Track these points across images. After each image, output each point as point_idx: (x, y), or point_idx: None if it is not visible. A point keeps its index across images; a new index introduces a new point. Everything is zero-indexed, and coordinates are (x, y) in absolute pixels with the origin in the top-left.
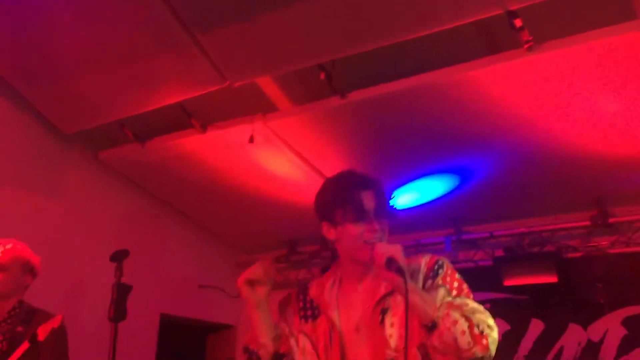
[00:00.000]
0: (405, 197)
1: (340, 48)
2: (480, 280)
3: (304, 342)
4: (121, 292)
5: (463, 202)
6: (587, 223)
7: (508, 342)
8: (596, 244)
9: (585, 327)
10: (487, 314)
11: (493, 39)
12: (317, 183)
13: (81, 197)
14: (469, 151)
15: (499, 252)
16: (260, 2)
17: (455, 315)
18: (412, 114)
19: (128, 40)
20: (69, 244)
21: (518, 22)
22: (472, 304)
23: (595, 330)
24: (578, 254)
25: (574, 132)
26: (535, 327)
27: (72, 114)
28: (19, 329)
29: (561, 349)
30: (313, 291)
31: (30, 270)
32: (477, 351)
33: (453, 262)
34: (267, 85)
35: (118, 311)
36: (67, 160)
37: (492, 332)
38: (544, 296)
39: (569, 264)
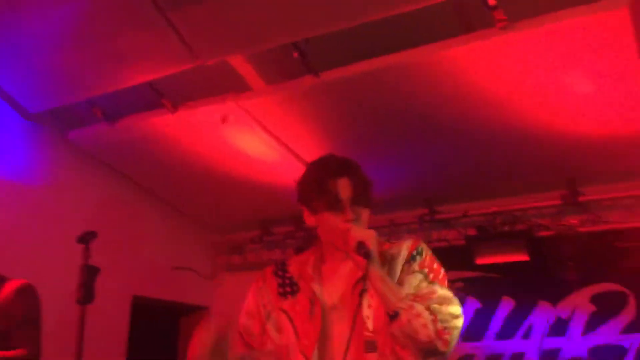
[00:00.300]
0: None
1: (314, 26)
2: (453, 259)
3: (282, 319)
4: (89, 274)
5: (436, 182)
6: (558, 202)
7: (479, 319)
8: (567, 222)
9: (554, 305)
10: (455, 302)
11: (468, 19)
12: (291, 164)
13: (49, 177)
14: (442, 130)
15: (472, 231)
16: None
17: (419, 307)
18: (386, 93)
19: (97, 16)
20: (38, 227)
21: (492, 1)
22: (442, 292)
23: (564, 308)
24: (549, 233)
25: (545, 112)
26: (506, 305)
27: (39, 92)
28: None
29: (530, 326)
30: (292, 268)
31: None
32: (438, 346)
33: (426, 242)
34: (240, 64)
35: (86, 293)
36: (33, 141)
37: (456, 325)
38: (514, 274)
39: (540, 242)
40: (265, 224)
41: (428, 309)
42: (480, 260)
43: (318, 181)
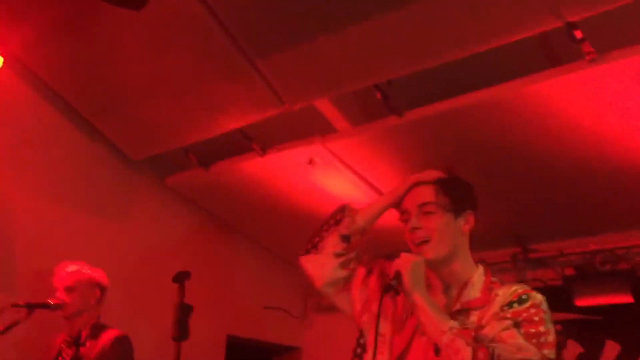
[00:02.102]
0: None
1: (396, 68)
2: (550, 301)
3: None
4: (183, 312)
5: (530, 219)
6: None
7: None
8: None
9: None
10: (535, 354)
11: (553, 52)
12: None
13: (149, 220)
14: (533, 165)
15: (570, 271)
16: (315, 26)
17: (460, 343)
18: (471, 131)
19: (190, 68)
20: (138, 266)
21: (578, 34)
22: (517, 341)
23: None
24: None
25: None
26: (611, 350)
27: (140, 141)
28: (88, 343)
29: None
30: None
31: (97, 285)
32: None
33: (521, 282)
34: (325, 106)
35: (181, 331)
36: (136, 186)
37: None
38: (618, 317)
39: None
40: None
41: (470, 345)
42: (580, 302)
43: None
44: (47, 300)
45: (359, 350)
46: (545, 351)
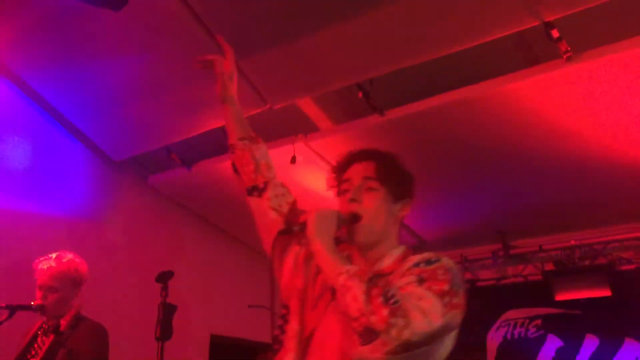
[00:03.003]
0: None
1: (377, 67)
2: (530, 296)
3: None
4: (166, 312)
5: (510, 216)
6: None
7: (562, 358)
8: None
9: None
10: (437, 310)
11: (531, 52)
12: None
13: (131, 220)
14: (512, 163)
15: (549, 266)
16: (297, 25)
17: (354, 281)
18: (451, 129)
19: (171, 68)
20: (120, 266)
21: (555, 33)
22: (425, 294)
23: None
24: (632, 266)
25: (619, 141)
26: (590, 343)
27: (121, 142)
28: (66, 333)
29: None
30: None
31: (79, 284)
32: (372, 322)
33: (502, 278)
34: (308, 106)
35: (164, 330)
36: (118, 186)
37: (416, 314)
38: (598, 311)
39: (622, 276)
40: None
41: (364, 282)
42: (560, 297)
43: (338, 167)
44: (29, 303)
45: (281, 322)
46: (448, 315)
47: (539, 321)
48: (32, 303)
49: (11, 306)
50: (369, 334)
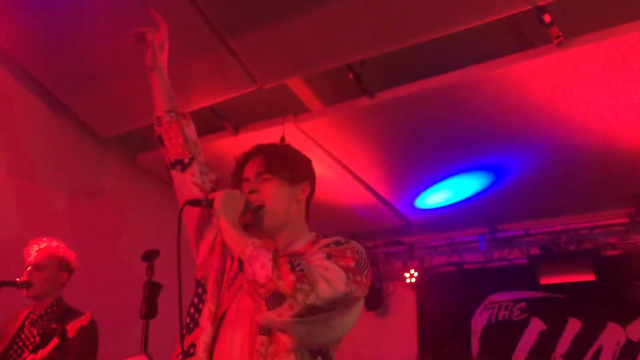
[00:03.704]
0: (437, 196)
1: (368, 48)
2: (515, 279)
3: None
4: (152, 290)
5: (497, 200)
6: (626, 220)
7: (545, 341)
8: (635, 241)
9: (624, 326)
10: (341, 279)
11: (523, 35)
12: (348, 182)
13: (119, 198)
14: (501, 148)
15: (535, 250)
16: (288, 5)
17: (262, 250)
18: (441, 112)
19: None
20: (106, 244)
21: (547, 18)
22: (324, 262)
23: (635, 330)
24: (616, 252)
25: (610, 126)
26: (573, 327)
27: (109, 119)
28: (54, 325)
29: (600, 349)
30: None
31: (65, 267)
32: (280, 287)
33: (488, 261)
34: (298, 86)
35: (149, 309)
36: (105, 164)
37: (320, 281)
38: (581, 295)
39: (607, 261)
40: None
41: (270, 251)
42: (544, 280)
43: (236, 167)
44: (14, 279)
45: (196, 301)
46: (352, 286)
47: (523, 304)
48: (17, 279)
49: None
50: (276, 299)
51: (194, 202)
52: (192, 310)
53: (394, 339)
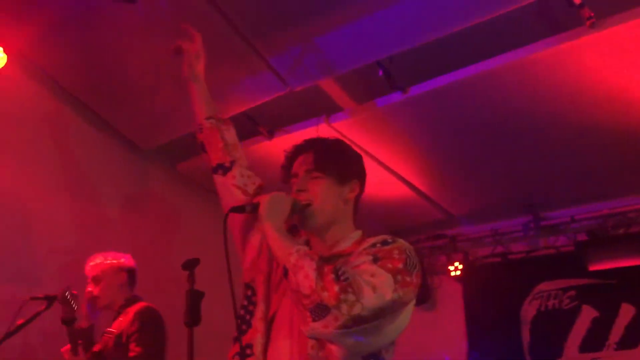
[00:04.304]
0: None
1: (396, 44)
2: (563, 267)
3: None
4: (194, 298)
5: (540, 187)
6: None
7: (597, 328)
8: None
9: None
10: (388, 288)
11: (553, 19)
12: (386, 178)
13: (162, 208)
14: (540, 133)
15: (582, 237)
16: (314, 7)
17: (306, 260)
18: (475, 102)
19: None
20: (153, 254)
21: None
22: (379, 272)
23: None
24: None
25: None
26: (626, 312)
27: (149, 130)
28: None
29: None
30: None
31: (120, 269)
32: (324, 299)
33: (533, 250)
34: (329, 86)
35: (192, 317)
36: (148, 174)
37: (366, 289)
38: (633, 279)
39: None
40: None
41: (314, 260)
42: (593, 267)
43: (285, 162)
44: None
45: (246, 303)
46: (400, 291)
47: (573, 292)
48: (67, 293)
49: (49, 297)
50: (320, 310)
51: (238, 209)
52: (242, 312)
53: (443, 333)
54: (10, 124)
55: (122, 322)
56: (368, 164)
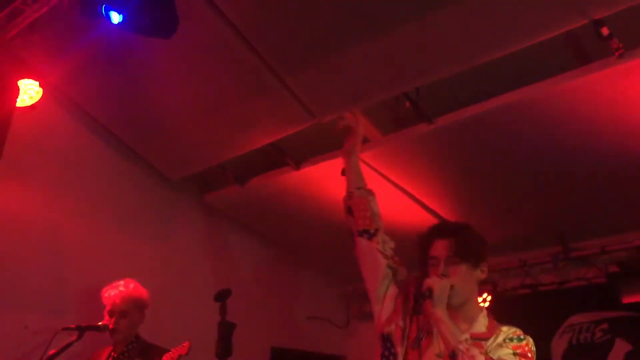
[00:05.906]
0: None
1: (423, 75)
2: (594, 299)
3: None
4: (226, 330)
5: (570, 217)
6: None
7: None
8: None
9: None
10: None
11: (582, 50)
12: (411, 208)
13: (190, 238)
14: (569, 164)
15: (613, 268)
16: (340, 39)
17: (475, 350)
18: (502, 133)
19: (221, 89)
20: (180, 283)
21: (605, 31)
22: None
23: None
24: None
25: None
26: None
27: (177, 161)
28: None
29: None
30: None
31: (143, 307)
32: None
33: (563, 282)
34: None
35: (224, 348)
36: (175, 205)
37: None
38: None
39: None
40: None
41: (483, 354)
42: (627, 299)
43: (422, 240)
44: (97, 323)
45: (387, 354)
46: None
47: (605, 325)
48: (100, 324)
49: (80, 327)
50: None
51: (423, 296)
52: None
53: None
54: (45, 156)
55: None
56: (394, 194)
